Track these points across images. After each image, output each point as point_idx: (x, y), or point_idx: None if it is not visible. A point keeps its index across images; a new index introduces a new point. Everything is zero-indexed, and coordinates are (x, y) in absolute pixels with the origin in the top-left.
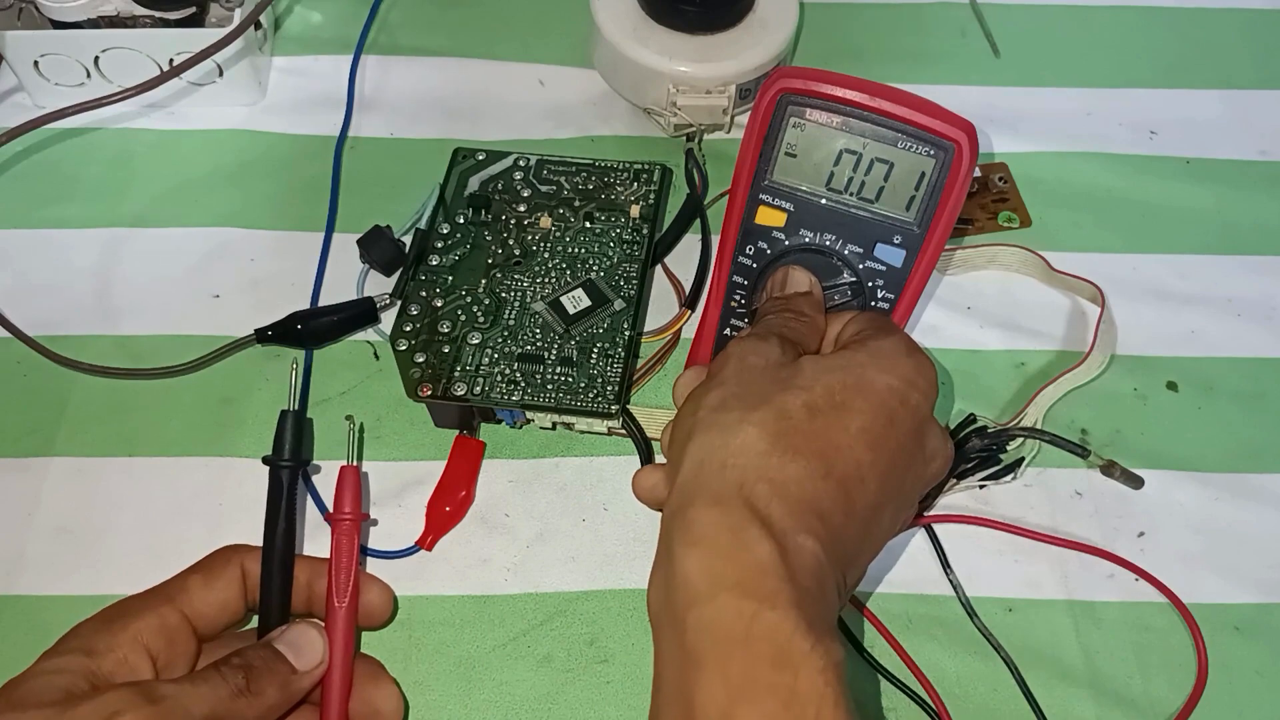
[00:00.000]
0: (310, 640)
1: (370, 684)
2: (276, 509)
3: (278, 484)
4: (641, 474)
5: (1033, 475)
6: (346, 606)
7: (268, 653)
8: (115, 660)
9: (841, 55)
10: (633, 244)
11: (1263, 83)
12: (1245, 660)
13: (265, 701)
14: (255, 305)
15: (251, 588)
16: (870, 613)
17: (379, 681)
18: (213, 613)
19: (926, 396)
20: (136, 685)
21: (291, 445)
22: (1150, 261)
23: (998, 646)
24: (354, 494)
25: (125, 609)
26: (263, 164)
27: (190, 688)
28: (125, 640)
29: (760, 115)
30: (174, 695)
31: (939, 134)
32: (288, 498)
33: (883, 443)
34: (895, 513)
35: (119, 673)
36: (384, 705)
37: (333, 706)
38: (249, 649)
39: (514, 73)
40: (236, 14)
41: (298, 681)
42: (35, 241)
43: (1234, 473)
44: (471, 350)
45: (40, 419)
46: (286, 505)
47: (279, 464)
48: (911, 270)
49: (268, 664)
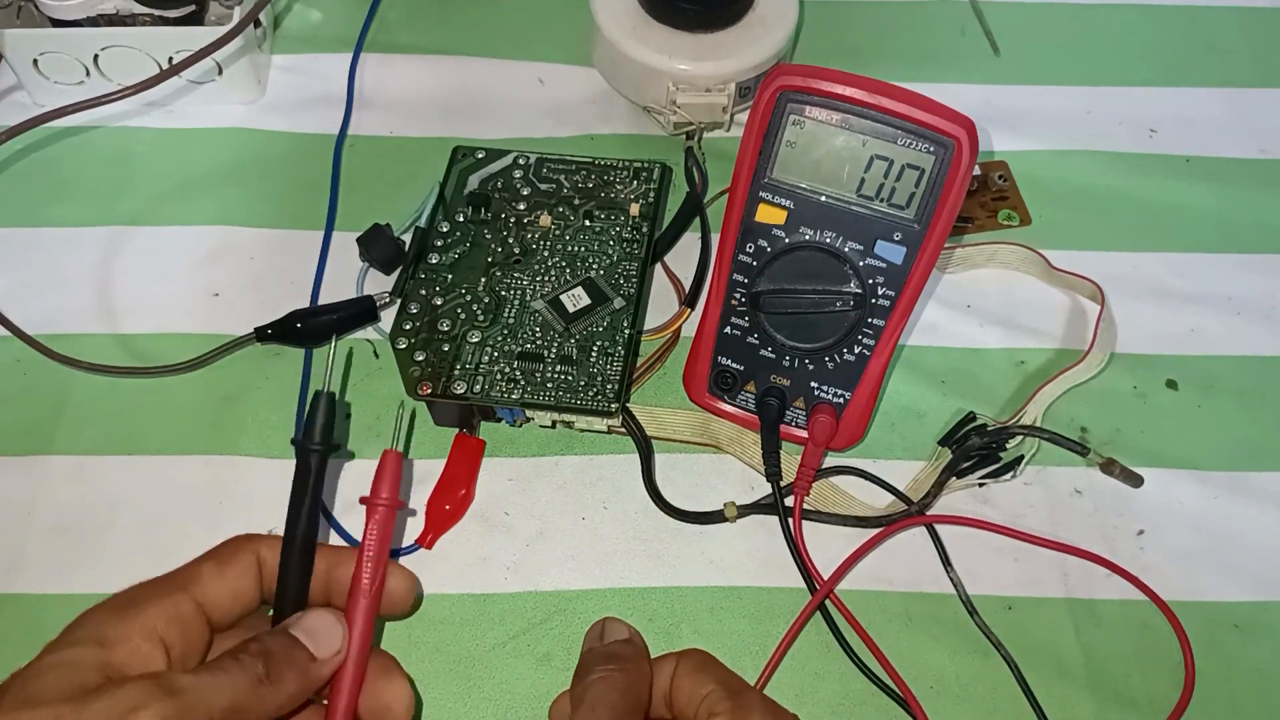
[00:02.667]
0: (329, 627)
1: (382, 678)
2: (302, 493)
3: (305, 468)
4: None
5: (1032, 473)
6: (372, 594)
7: (286, 639)
8: (128, 651)
9: (841, 53)
10: (632, 242)
11: (1262, 81)
12: (1245, 658)
13: (286, 690)
14: (255, 304)
15: (267, 576)
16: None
17: (391, 676)
18: (226, 602)
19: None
20: (153, 677)
21: (324, 428)
22: (1150, 260)
23: (997, 644)
24: (394, 479)
25: (137, 597)
26: (262, 162)
27: (209, 678)
28: (138, 629)
29: (760, 113)
30: (193, 687)
31: (939, 130)
32: (315, 482)
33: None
34: None
35: (132, 664)
36: (396, 702)
37: (342, 699)
38: (266, 635)
39: (514, 71)
40: (236, 12)
41: (317, 670)
42: (35, 240)
43: (1234, 471)
44: (471, 349)
45: (40, 418)
46: (314, 490)
47: (310, 447)
48: (911, 268)
49: (286, 651)
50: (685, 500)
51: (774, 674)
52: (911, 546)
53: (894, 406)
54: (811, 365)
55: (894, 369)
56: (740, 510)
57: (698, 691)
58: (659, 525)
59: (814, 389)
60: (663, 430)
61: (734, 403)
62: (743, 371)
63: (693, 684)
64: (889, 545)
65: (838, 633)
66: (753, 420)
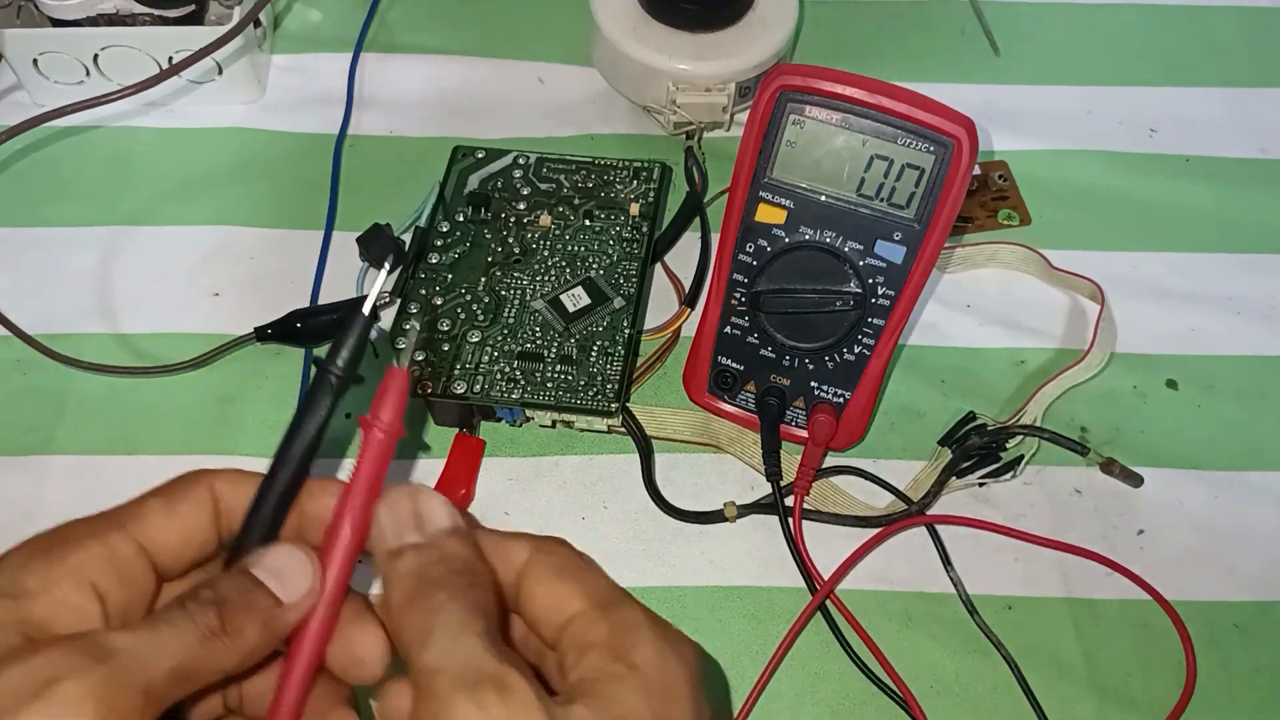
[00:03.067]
0: (298, 564)
1: (354, 625)
2: (307, 417)
3: (318, 390)
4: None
5: (1032, 473)
6: (357, 529)
7: (244, 581)
8: (52, 603)
9: (841, 53)
10: (632, 242)
11: (1262, 81)
12: (1244, 657)
13: (244, 644)
14: (255, 303)
15: (224, 516)
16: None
17: (364, 623)
18: (175, 544)
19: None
20: (79, 639)
21: (354, 348)
22: (1150, 259)
23: (998, 644)
24: (398, 401)
25: (64, 536)
26: (262, 162)
27: (150, 635)
28: (64, 575)
29: (760, 112)
30: (129, 649)
31: (939, 130)
32: (331, 407)
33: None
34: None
35: (57, 618)
36: (369, 653)
37: (305, 648)
38: (220, 579)
39: (513, 71)
40: (236, 12)
41: (283, 617)
42: (35, 240)
43: (1234, 470)
44: (471, 348)
45: (40, 417)
46: (326, 415)
47: (331, 369)
48: (912, 267)
49: (245, 596)
50: (685, 500)
51: (774, 673)
52: (911, 546)
53: (894, 406)
54: (811, 365)
55: (894, 369)
56: (740, 510)
57: (560, 609)
58: (659, 525)
59: (814, 389)
60: (663, 430)
61: (734, 402)
62: (743, 371)
63: (552, 597)
64: (889, 545)
65: (838, 633)
66: (753, 420)
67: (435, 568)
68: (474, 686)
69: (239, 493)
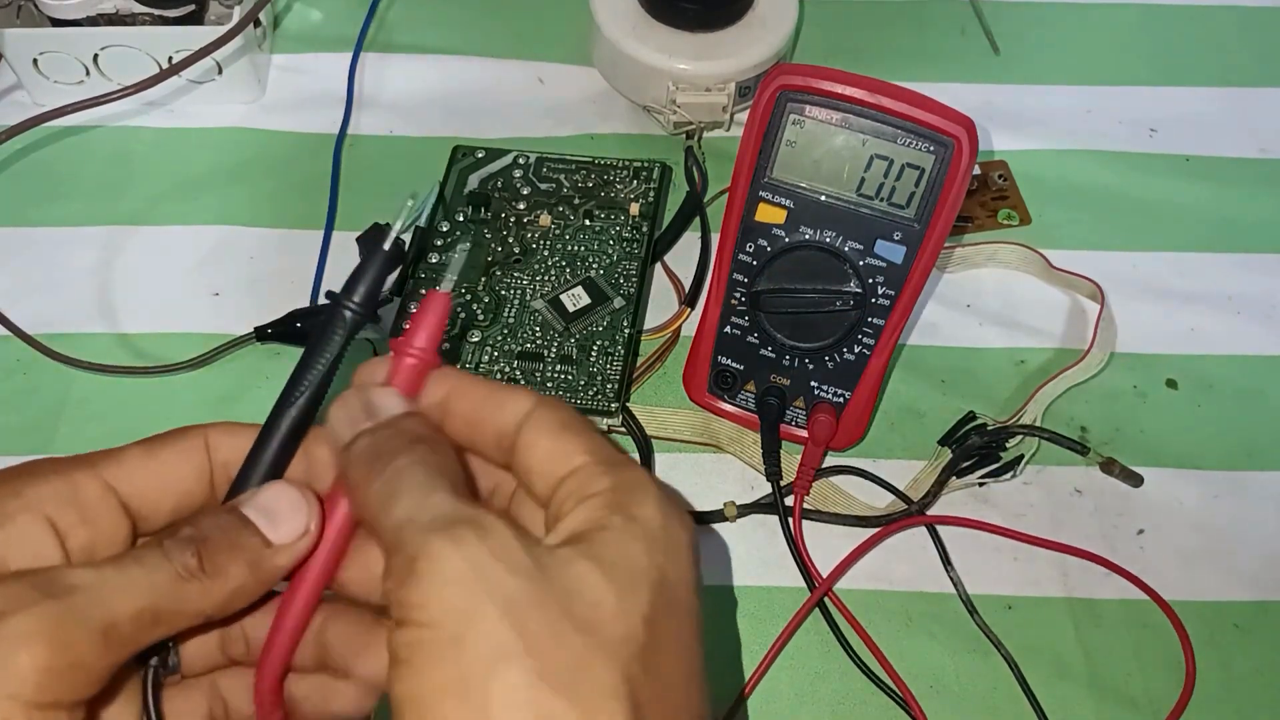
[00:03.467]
0: (292, 503)
1: (369, 544)
2: (317, 352)
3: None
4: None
5: (1032, 473)
6: None
7: (230, 519)
8: (4, 537)
9: (841, 52)
10: (632, 242)
11: (1262, 80)
12: (1244, 657)
13: (225, 586)
14: (255, 303)
15: (218, 469)
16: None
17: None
18: (153, 492)
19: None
20: (32, 573)
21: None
22: (1150, 259)
23: (997, 644)
24: (437, 326)
25: (28, 469)
26: (262, 162)
27: (115, 573)
28: (19, 509)
29: (760, 112)
30: (89, 585)
31: (938, 130)
32: (344, 344)
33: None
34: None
35: (12, 552)
36: None
37: (306, 585)
38: (203, 516)
39: (513, 70)
40: (235, 11)
41: (272, 559)
42: (34, 239)
43: (1233, 470)
44: (471, 348)
45: (40, 417)
46: (338, 353)
47: (345, 304)
48: (912, 267)
49: (230, 535)
50: (685, 500)
51: (774, 673)
52: (911, 546)
53: (894, 406)
54: (811, 364)
55: (894, 368)
56: (740, 510)
57: (563, 461)
58: None
59: (814, 388)
60: (663, 430)
61: (734, 402)
62: (743, 371)
63: (553, 450)
64: (889, 545)
65: (838, 632)
66: (753, 420)
67: (391, 441)
68: (448, 527)
69: (237, 444)
